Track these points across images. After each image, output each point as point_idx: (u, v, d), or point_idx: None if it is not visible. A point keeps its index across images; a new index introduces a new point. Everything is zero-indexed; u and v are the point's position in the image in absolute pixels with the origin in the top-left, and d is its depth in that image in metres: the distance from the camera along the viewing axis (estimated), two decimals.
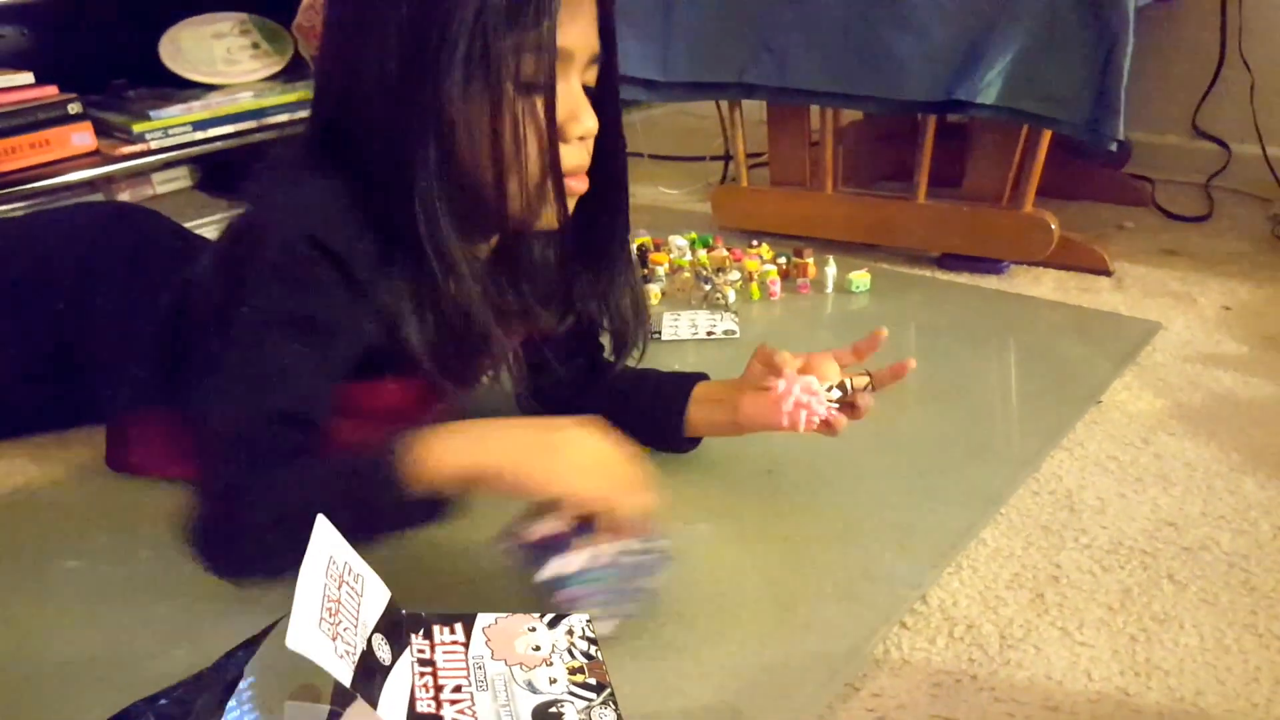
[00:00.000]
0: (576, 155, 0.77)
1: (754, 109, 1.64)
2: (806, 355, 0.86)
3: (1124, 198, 1.72)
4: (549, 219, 0.78)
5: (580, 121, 0.76)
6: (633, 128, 2.28)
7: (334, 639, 0.51)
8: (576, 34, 0.74)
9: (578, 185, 0.79)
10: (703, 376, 0.95)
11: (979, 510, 0.90)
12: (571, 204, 0.79)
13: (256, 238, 0.73)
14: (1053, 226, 1.40)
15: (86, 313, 0.99)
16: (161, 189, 1.94)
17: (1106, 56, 1.19)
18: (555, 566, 0.68)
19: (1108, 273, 1.44)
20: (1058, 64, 1.24)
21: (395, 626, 0.60)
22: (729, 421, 0.89)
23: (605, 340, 0.94)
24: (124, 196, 1.89)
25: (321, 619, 0.50)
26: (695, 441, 0.96)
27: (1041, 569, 0.83)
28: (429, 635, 0.62)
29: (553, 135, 0.73)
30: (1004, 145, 1.40)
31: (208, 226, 1.53)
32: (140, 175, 1.90)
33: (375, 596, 0.59)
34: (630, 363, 0.96)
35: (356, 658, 0.53)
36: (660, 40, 1.49)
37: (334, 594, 0.52)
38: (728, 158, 1.84)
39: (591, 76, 0.79)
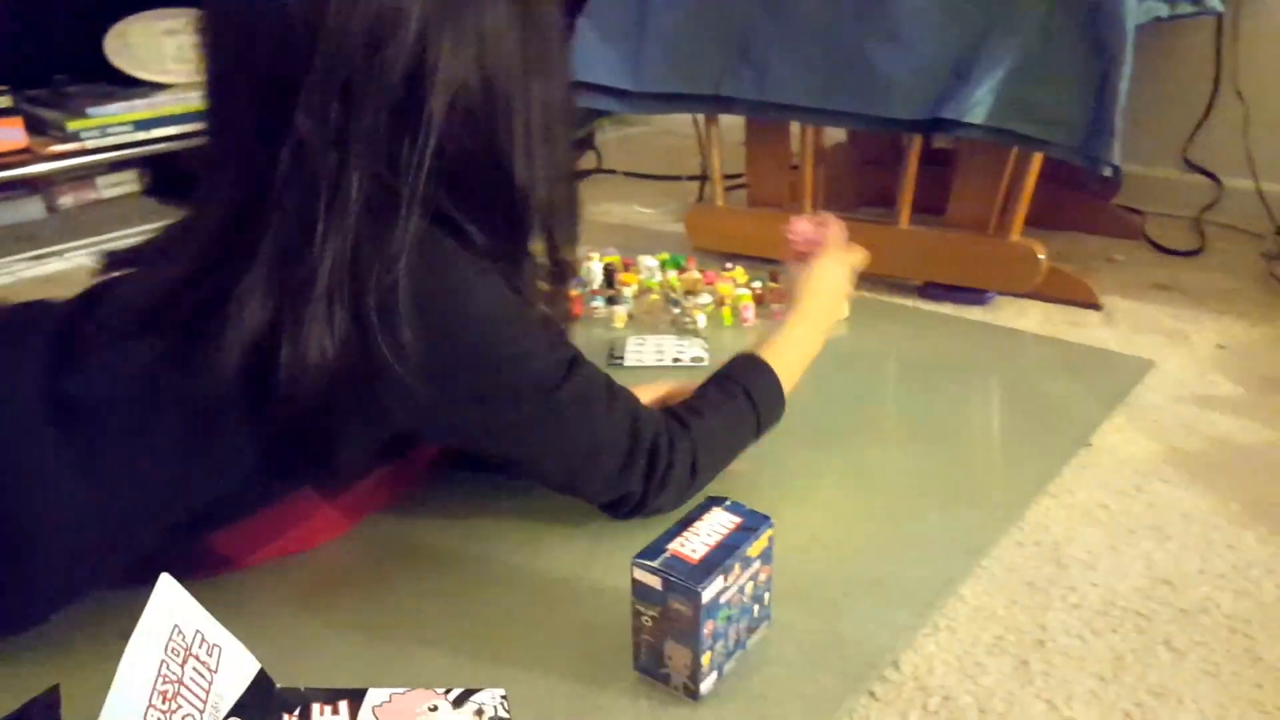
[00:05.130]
0: None
1: (735, 129, 1.58)
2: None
3: (1114, 230, 1.68)
4: None
5: None
6: (606, 144, 2.23)
7: None
8: None
9: None
10: None
11: (959, 563, 0.83)
12: None
13: (473, 332, 0.70)
14: (1040, 257, 1.35)
15: None
16: (106, 193, 1.85)
17: (1103, 76, 1.13)
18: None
19: (1097, 307, 1.39)
20: (1052, 83, 1.18)
21: (261, 708, 0.50)
22: None
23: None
24: (65, 199, 1.80)
25: (150, 707, 0.41)
26: None
27: (1026, 631, 0.76)
28: (306, 717, 0.52)
29: None
30: (991, 169, 1.35)
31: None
32: (83, 178, 1.81)
33: (236, 671, 0.49)
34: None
35: None
36: (633, 48, 1.42)
37: (174, 672, 0.43)
38: (704, 177, 1.77)
39: None
